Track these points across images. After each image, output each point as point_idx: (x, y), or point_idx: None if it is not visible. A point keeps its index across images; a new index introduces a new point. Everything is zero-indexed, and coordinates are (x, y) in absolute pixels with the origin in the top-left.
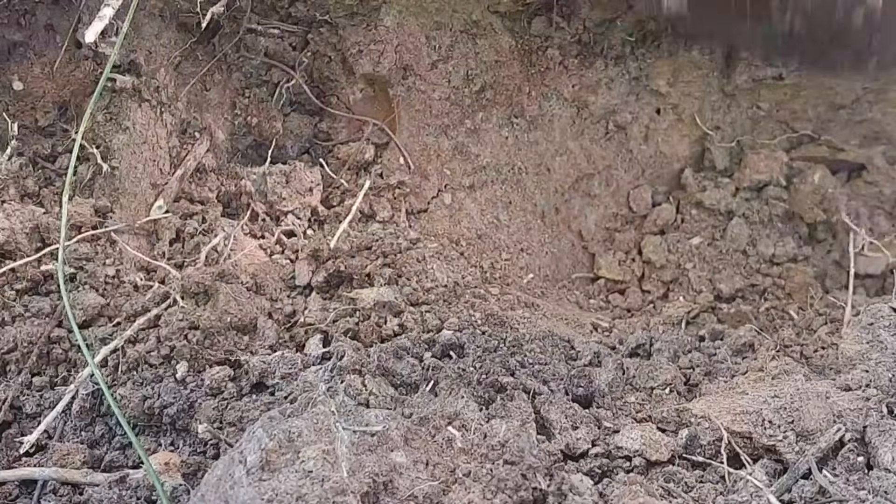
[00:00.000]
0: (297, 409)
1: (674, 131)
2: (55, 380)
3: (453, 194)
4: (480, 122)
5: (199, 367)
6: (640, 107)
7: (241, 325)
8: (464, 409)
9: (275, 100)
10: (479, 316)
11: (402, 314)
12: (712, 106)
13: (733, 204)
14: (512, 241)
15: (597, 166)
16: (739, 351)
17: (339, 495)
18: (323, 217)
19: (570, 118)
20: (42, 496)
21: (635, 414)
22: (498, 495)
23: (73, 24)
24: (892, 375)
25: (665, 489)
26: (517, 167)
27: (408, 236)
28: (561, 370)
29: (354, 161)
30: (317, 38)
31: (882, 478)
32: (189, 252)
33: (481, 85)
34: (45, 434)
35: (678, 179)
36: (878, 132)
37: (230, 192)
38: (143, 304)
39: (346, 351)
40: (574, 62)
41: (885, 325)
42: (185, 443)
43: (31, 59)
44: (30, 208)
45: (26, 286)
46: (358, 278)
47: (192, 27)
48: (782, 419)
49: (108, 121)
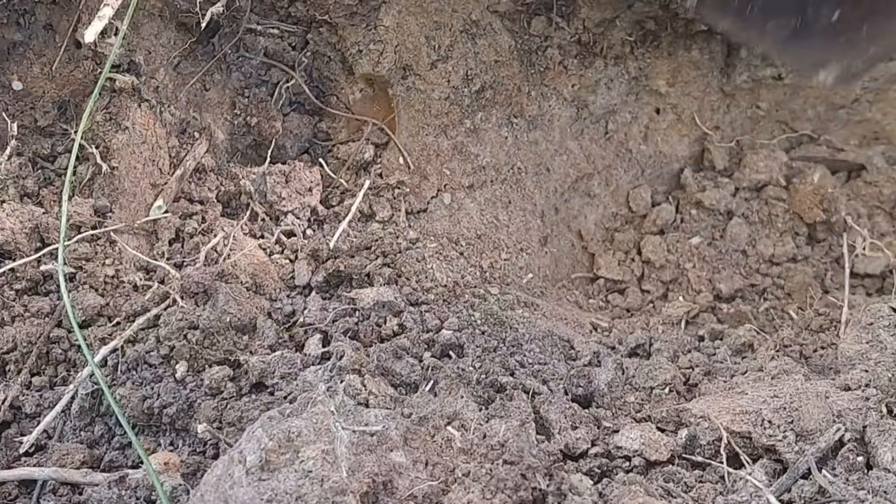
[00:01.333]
0: (297, 409)
1: (673, 131)
2: (55, 380)
3: (453, 194)
4: (480, 121)
5: (199, 367)
6: (639, 107)
7: (240, 324)
8: (463, 409)
9: (274, 100)
10: (479, 316)
11: (402, 314)
12: (712, 106)
13: (733, 204)
14: (511, 241)
15: (596, 166)
16: (739, 351)
17: (338, 495)
18: (322, 217)
19: (569, 118)
20: (41, 496)
21: (635, 414)
22: (497, 495)
23: (72, 23)
24: (892, 375)
25: (665, 489)
26: (517, 167)
27: (407, 236)
28: (560, 370)
29: (354, 161)
30: (316, 38)
31: (882, 478)
32: (188, 252)
33: (481, 85)
34: (44, 434)
35: (678, 179)
36: (878, 132)
37: (230, 191)
38: (142, 303)
39: (345, 351)
40: (574, 62)
41: (885, 325)
42: (184, 443)
43: (31, 58)
44: (29, 208)
45: (26, 286)
46: (357, 278)
47: (191, 27)
48: (782, 419)
49: (108, 121)
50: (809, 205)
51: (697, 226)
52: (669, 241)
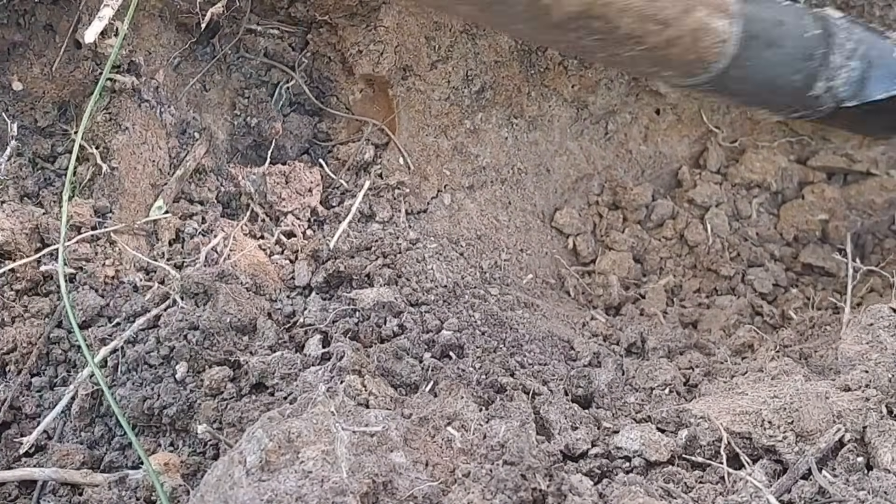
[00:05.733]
0: (297, 409)
1: (673, 132)
2: (55, 380)
3: (453, 194)
4: (480, 122)
5: (199, 368)
6: (639, 107)
7: (240, 325)
8: (463, 410)
9: (274, 100)
10: (479, 316)
11: (402, 315)
12: (712, 106)
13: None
14: (512, 242)
15: (596, 166)
16: (739, 351)
17: (338, 496)
18: (322, 217)
19: (569, 118)
20: (41, 496)
21: (635, 414)
22: (497, 496)
23: (72, 24)
24: (892, 376)
25: (665, 490)
26: (517, 167)
27: (407, 237)
28: (560, 370)
29: (354, 161)
30: (316, 38)
31: (882, 478)
32: (189, 252)
33: (481, 85)
34: (44, 434)
35: (677, 179)
36: None
37: (230, 192)
38: (142, 304)
39: (345, 351)
40: (574, 62)
41: (885, 326)
42: (184, 443)
43: (31, 59)
44: (29, 209)
45: (26, 286)
46: (358, 279)
47: (191, 27)
48: (782, 419)
49: (108, 121)
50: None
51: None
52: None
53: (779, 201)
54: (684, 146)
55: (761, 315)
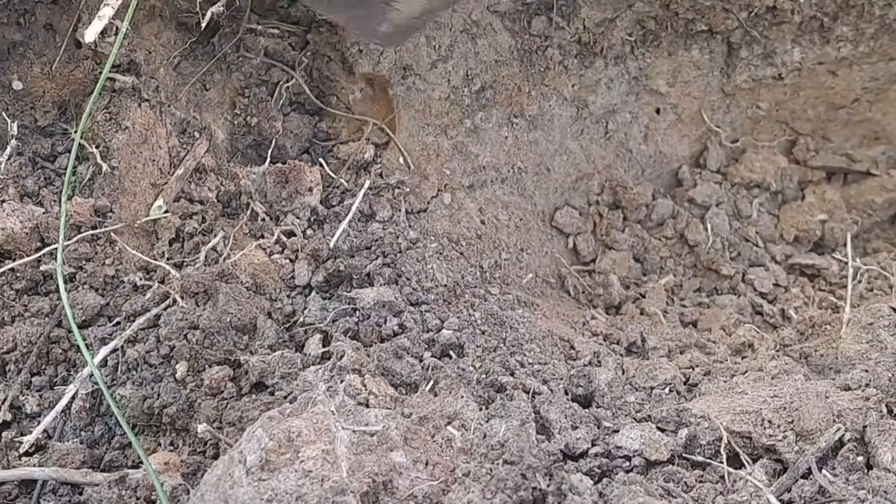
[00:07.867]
0: (297, 408)
1: (673, 131)
2: (55, 380)
3: (453, 194)
4: (480, 121)
5: (199, 367)
6: (639, 106)
7: (240, 324)
8: (463, 409)
9: (274, 100)
10: (479, 315)
11: (402, 314)
12: (712, 106)
13: (732, 203)
14: (512, 241)
15: (596, 166)
16: (739, 350)
17: (338, 495)
18: (322, 217)
19: (569, 118)
20: (42, 496)
21: (635, 414)
22: (497, 495)
23: (72, 23)
24: (892, 375)
25: (665, 489)
26: (517, 167)
27: (408, 236)
28: (560, 370)
29: (354, 161)
30: (317, 37)
31: (882, 477)
32: (189, 252)
33: (481, 85)
34: (44, 434)
35: (677, 179)
36: (878, 132)
37: (230, 191)
38: (142, 303)
39: (345, 351)
40: (574, 62)
41: (885, 325)
42: (184, 443)
43: (31, 58)
44: (29, 208)
45: (26, 286)
46: (358, 278)
47: (191, 27)
48: (782, 419)
49: (108, 120)
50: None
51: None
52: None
53: (779, 201)
54: (684, 146)
55: (761, 314)
